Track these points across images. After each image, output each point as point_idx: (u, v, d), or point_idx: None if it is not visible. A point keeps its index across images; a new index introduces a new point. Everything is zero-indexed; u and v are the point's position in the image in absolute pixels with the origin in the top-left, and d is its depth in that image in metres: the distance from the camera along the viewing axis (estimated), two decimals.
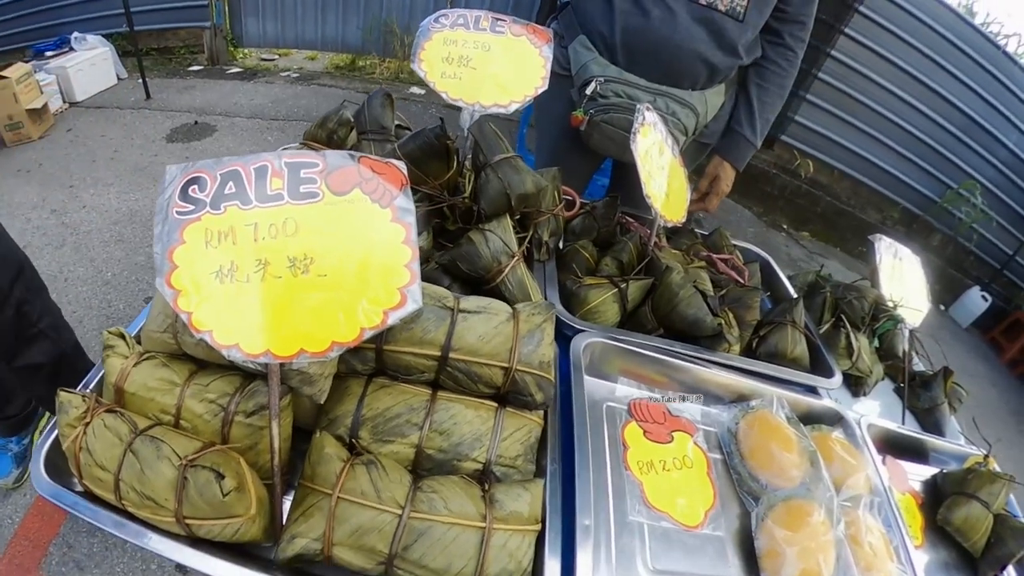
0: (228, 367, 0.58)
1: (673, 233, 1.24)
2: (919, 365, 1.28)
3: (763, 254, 1.32)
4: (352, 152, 0.51)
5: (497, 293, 0.80)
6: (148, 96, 4.67)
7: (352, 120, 1.01)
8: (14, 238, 1.27)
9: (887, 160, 3.97)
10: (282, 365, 0.48)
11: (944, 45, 3.52)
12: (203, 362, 0.59)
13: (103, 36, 5.22)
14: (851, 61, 3.63)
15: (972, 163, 3.91)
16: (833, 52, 3.58)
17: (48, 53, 4.87)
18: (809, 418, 0.96)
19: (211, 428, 0.54)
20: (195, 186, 0.47)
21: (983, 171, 3.90)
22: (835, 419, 0.96)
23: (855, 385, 1.13)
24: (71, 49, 5.02)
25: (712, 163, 1.34)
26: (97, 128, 4.36)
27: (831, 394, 1.00)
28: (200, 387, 0.56)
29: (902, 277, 1.20)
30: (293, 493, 0.56)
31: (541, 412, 0.69)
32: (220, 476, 0.48)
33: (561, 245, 1.07)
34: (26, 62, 4.69)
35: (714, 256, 1.13)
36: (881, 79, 3.66)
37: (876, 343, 1.16)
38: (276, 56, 5.56)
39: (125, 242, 2.82)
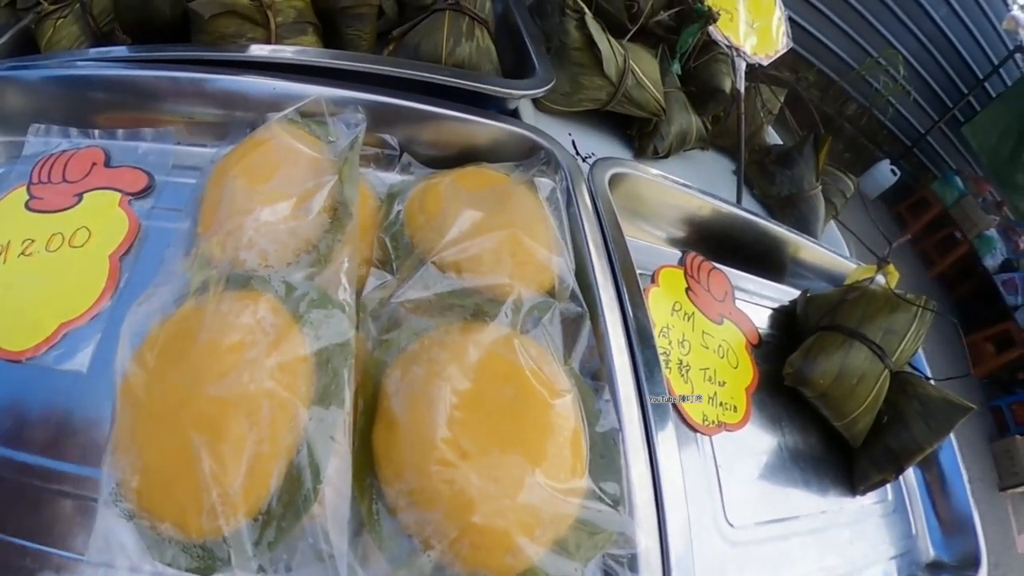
0: None
1: None
2: (773, 138, 0.78)
3: None
4: None
5: None
6: None
7: None
8: None
9: (806, 17, 3.63)
10: None
11: None
12: None
13: None
14: None
15: (896, 32, 3.68)
16: None
17: None
18: (479, 155, 0.43)
19: None
20: None
21: (906, 43, 3.73)
22: (530, 155, 0.43)
23: (640, 138, 0.61)
24: None
25: None
26: None
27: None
28: None
29: None
30: None
31: None
32: None
33: None
34: None
35: None
36: None
37: (676, 68, 0.63)
38: None
39: None
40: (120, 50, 0.49)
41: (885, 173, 3.77)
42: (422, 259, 0.29)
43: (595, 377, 0.31)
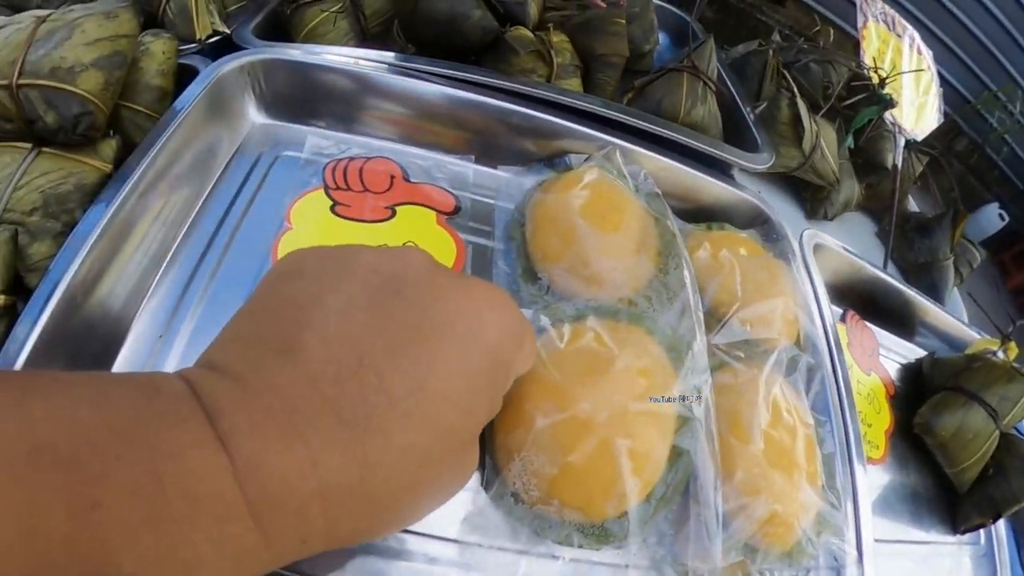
0: None
1: None
2: (912, 204, 0.88)
3: (689, 19, 0.87)
4: None
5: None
6: None
7: None
8: None
9: (925, 42, 3.51)
10: None
11: None
12: None
13: None
14: None
15: (1019, 66, 3.50)
16: None
17: None
18: (705, 213, 0.55)
19: None
20: None
21: None
22: (754, 220, 0.55)
23: (812, 201, 0.72)
24: None
25: None
26: None
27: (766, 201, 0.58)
28: None
29: (899, 64, 0.78)
30: None
31: (108, 155, 0.45)
32: None
33: None
34: None
35: None
36: None
37: (850, 141, 0.73)
38: None
39: None
40: (422, 60, 0.53)
41: (992, 217, 3.55)
42: (724, 314, 0.42)
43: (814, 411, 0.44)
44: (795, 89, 0.65)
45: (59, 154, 0.43)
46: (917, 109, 0.81)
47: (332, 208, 0.45)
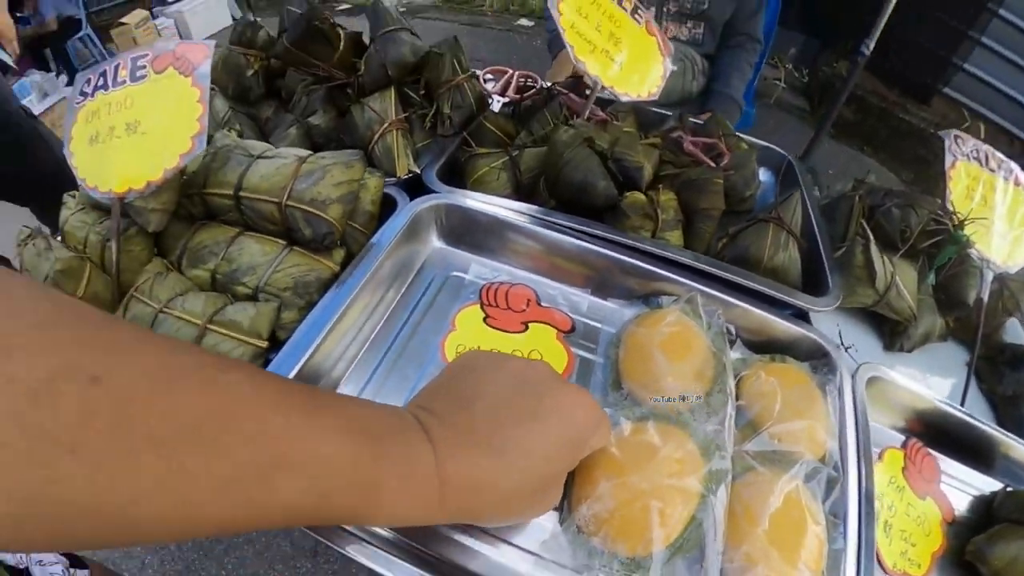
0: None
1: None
2: (1011, 333, 0.91)
3: (789, 157, 1.01)
4: (178, 41, 0.70)
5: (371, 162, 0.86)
6: None
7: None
8: None
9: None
10: (121, 200, 0.66)
11: None
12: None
13: None
14: None
15: None
16: None
17: None
18: (772, 346, 0.69)
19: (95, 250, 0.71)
20: (86, 82, 0.71)
21: None
22: (815, 352, 0.68)
23: (891, 334, 0.81)
24: None
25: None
26: None
27: (844, 349, 0.72)
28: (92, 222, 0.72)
29: (990, 199, 0.85)
30: None
31: (338, 259, 0.71)
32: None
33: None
34: (149, 8, 5.33)
35: (684, 137, 0.88)
36: None
37: (932, 278, 0.82)
38: None
39: None
40: (559, 215, 0.73)
41: None
42: (758, 426, 0.57)
43: (834, 515, 0.56)
44: (869, 236, 0.77)
45: (304, 253, 0.69)
46: (1011, 242, 0.87)
47: (484, 319, 0.66)
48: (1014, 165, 0.92)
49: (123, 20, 4.81)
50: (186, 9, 5.50)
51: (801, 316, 0.72)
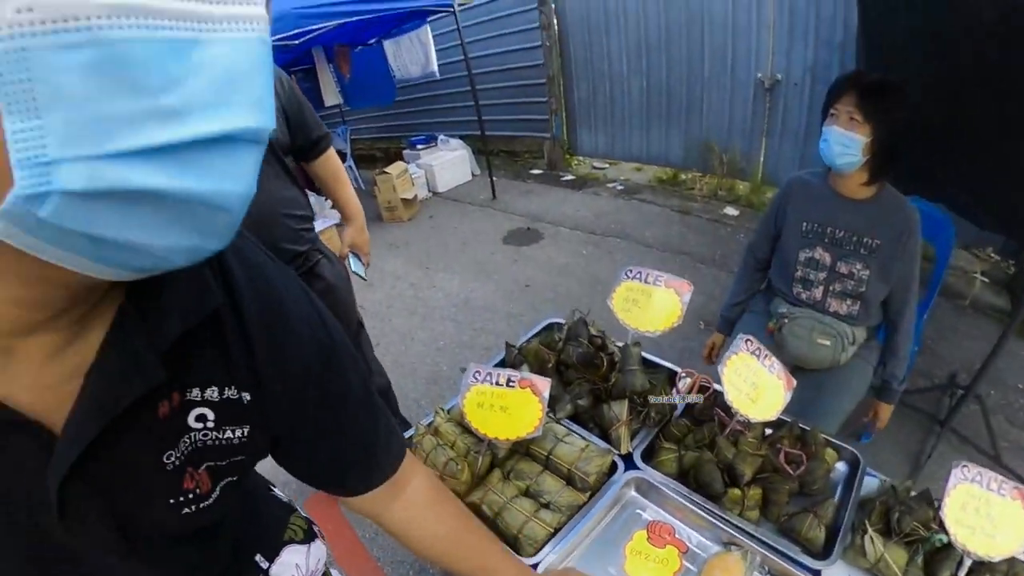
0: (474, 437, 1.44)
1: (776, 427, 1.67)
2: None
3: (858, 455, 1.66)
4: (525, 374, 1.39)
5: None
6: (494, 196, 6.04)
7: (563, 333, 1.79)
8: (380, 299, 2.19)
9: None
10: (490, 441, 1.36)
11: None
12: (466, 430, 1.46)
13: (461, 138, 6.96)
14: None
15: None
16: None
17: (419, 146, 6.65)
18: None
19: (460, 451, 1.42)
20: (476, 372, 1.39)
21: None
22: None
23: None
24: (436, 146, 6.75)
25: (870, 402, 2.05)
26: (452, 219, 5.74)
27: None
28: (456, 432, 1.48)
29: (989, 509, 1.18)
30: None
31: (587, 494, 1.46)
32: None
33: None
34: (403, 150, 6.34)
35: (780, 447, 1.63)
36: None
37: (920, 561, 1.20)
38: (606, 165, 6.63)
39: (458, 322, 3.90)
40: (697, 496, 1.54)
41: None
42: None
43: None
44: (867, 528, 1.42)
45: (573, 490, 1.52)
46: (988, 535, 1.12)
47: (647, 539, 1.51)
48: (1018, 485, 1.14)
49: (387, 170, 5.74)
50: (435, 163, 6.40)
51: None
